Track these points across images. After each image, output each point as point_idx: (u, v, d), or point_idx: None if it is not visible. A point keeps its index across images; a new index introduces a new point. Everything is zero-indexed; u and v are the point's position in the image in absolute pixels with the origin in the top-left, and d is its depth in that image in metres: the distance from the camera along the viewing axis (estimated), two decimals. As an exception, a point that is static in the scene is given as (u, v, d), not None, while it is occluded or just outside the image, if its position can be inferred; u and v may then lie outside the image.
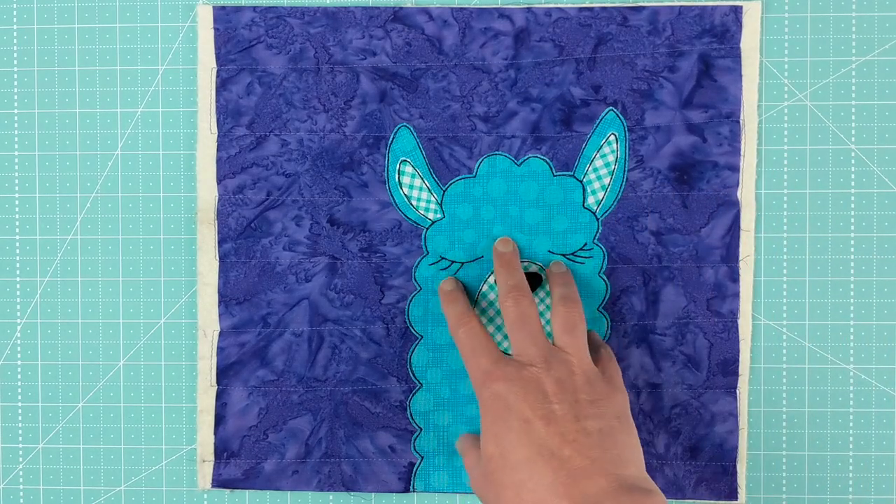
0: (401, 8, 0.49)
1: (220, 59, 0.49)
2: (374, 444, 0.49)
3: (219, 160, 0.49)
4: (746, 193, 0.49)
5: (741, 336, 0.49)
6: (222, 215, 0.49)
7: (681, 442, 0.49)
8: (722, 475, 0.49)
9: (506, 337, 0.49)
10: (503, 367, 0.43)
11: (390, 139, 0.49)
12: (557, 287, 0.46)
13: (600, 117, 0.49)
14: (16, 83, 0.50)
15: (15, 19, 0.50)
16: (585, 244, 0.49)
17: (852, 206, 0.49)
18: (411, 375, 0.49)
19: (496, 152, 0.49)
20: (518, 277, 0.46)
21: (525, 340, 0.44)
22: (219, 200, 0.49)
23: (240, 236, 0.49)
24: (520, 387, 0.42)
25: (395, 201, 0.49)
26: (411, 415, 0.49)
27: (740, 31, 0.48)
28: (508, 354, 0.44)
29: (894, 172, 0.49)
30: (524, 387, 0.42)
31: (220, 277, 0.49)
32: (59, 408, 0.51)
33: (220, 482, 0.50)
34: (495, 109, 0.49)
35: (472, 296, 0.49)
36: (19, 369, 0.51)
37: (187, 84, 0.50)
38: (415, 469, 0.49)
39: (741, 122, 0.48)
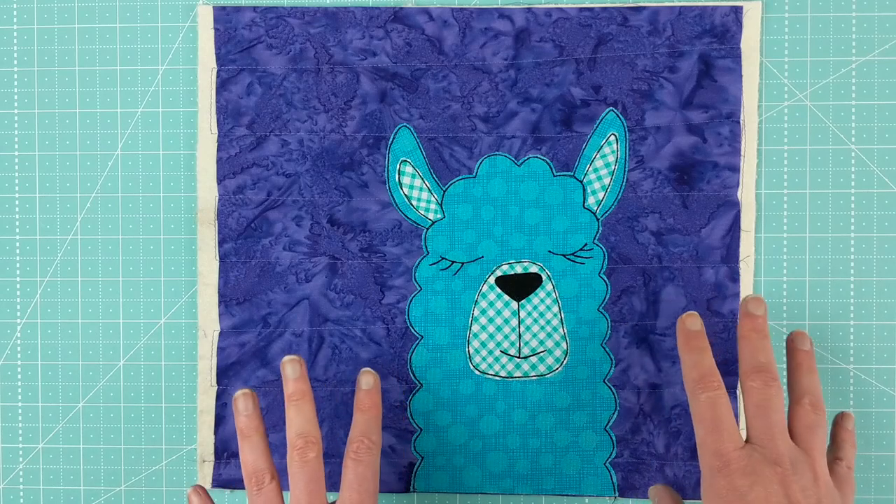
0: (401, 8, 0.49)
1: (221, 59, 0.49)
2: (374, 445, 0.49)
3: (219, 160, 0.49)
4: (746, 193, 0.49)
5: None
6: (222, 215, 0.49)
7: (681, 442, 0.49)
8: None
9: (506, 337, 0.49)
10: (747, 458, 0.40)
11: (390, 139, 0.49)
12: (804, 375, 0.43)
13: (600, 117, 0.49)
14: (16, 83, 0.50)
15: (15, 19, 0.50)
16: (585, 244, 0.49)
17: (852, 206, 0.49)
18: (411, 376, 0.49)
19: (496, 152, 0.49)
20: (768, 356, 0.42)
21: (770, 431, 0.40)
22: (219, 200, 0.49)
23: (240, 236, 0.49)
24: (763, 487, 0.39)
25: (395, 201, 0.49)
26: (411, 415, 0.49)
27: (740, 31, 0.48)
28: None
29: (894, 172, 0.49)
30: (767, 487, 0.39)
31: (220, 277, 0.49)
32: (59, 408, 0.51)
33: (220, 482, 0.50)
34: (495, 110, 0.49)
35: (471, 296, 0.49)
36: (19, 369, 0.51)
37: (187, 84, 0.50)
38: (415, 469, 0.49)
39: (741, 122, 0.48)
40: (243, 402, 0.44)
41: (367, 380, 0.45)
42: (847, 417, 0.45)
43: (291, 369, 0.44)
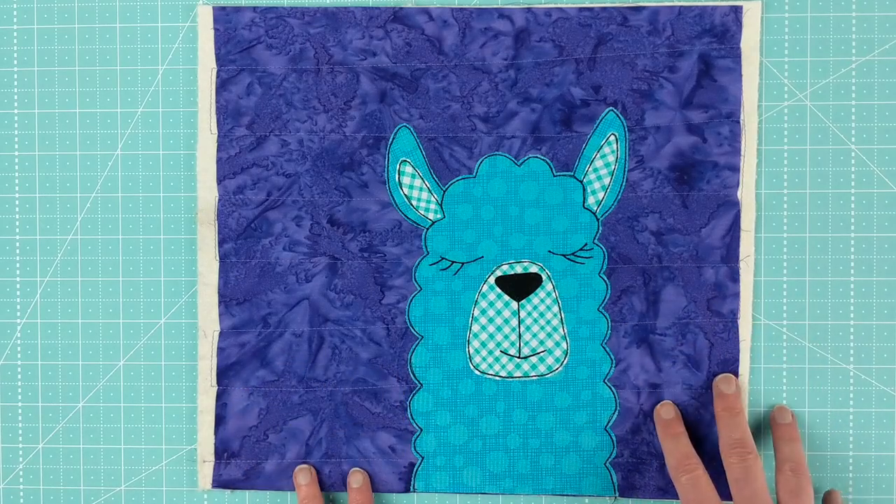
0: (401, 8, 0.49)
1: (221, 59, 0.49)
2: (374, 445, 0.49)
3: (219, 160, 0.49)
4: (746, 193, 0.49)
5: (741, 336, 0.49)
6: (222, 215, 0.49)
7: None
8: (721, 475, 0.49)
9: (506, 337, 0.49)
10: None
11: (390, 139, 0.49)
12: (784, 444, 0.47)
13: (600, 117, 0.49)
14: (16, 83, 0.50)
15: (15, 19, 0.50)
16: (585, 244, 0.49)
17: (852, 206, 0.49)
18: (411, 376, 0.49)
19: (496, 152, 0.49)
20: (742, 432, 0.46)
21: (753, 499, 0.44)
22: (219, 201, 0.49)
23: (240, 236, 0.49)
24: None
25: (395, 201, 0.49)
26: (411, 415, 0.49)
27: (740, 31, 0.48)
28: None
29: (894, 172, 0.49)
30: None
31: (220, 278, 0.49)
32: (59, 408, 0.51)
33: (220, 482, 0.50)
34: (495, 110, 0.49)
35: (471, 296, 0.49)
36: (19, 369, 0.51)
37: (187, 84, 0.50)
38: (415, 469, 0.49)
39: (741, 122, 0.48)
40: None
41: (357, 478, 0.49)
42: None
43: (303, 477, 0.49)
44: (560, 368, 0.49)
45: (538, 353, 0.49)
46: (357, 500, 0.48)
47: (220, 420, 0.49)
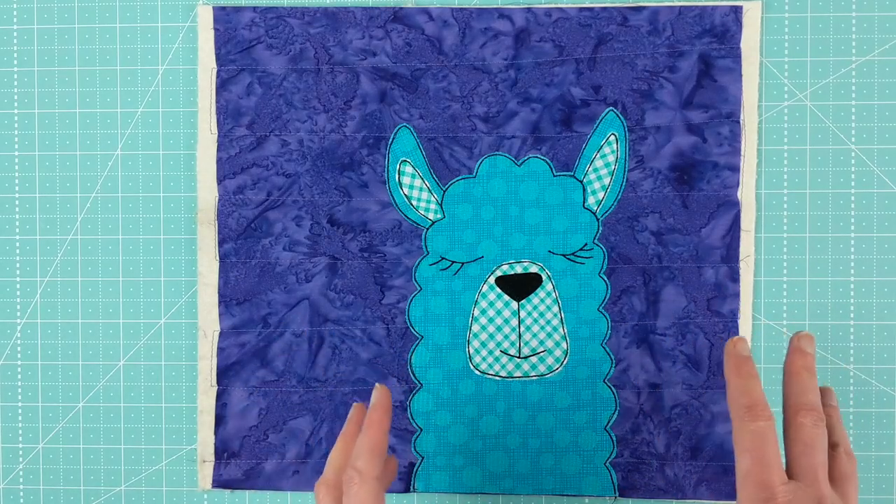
0: (401, 8, 0.49)
1: (221, 59, 0.49)
2: (374, 445, 0.49)
3: (219, 160, 0.49)
4: (746, 193, 0.49)
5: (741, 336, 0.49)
6: (222, 215, 0.49)
7: (681, 442, 0.49)
8: (722, 475, 0.49)
9: (506, 337, 0.49)
10: (793, 494, 0.39)
11: (390, 139, 0.49)
12: (836, 426, 0.43)
13: (600, 117, 0.49)
14: (16, 83, 0.50)
15: (15, 19, 0.50)
16: (585, 244, 0.49)
17: (852, 206, 0.49)
18: (411, 376, 0.49)
19: (496, 152, 0.49)
20: (818, 397, 0.41)
21: (815, 472, 0.39)
22: (219, 201, 0.49)
23: (240, 236, 0.49)
24: None
25: (395, 201, 0.49)
26: (411, 415, 0.49)
27: (740, 31, 0.48)
28: None
29: (894, 172, 0.49)
30: None
31: (220, 278, 0.49)
32: (59, 408, 0.51)
33: (220, 482, 0.50)
34: (495, 110, 0.49)
35: (471, 296, 0.49)
36: (19, 369, 0.51)
37: (187, 84, 0.50)
38: (415, 469, 0.49)
39: (741, 122, 0.48)
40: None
41: (375, 395, 0.42)
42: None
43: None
44: (560, 368, 0.49)
45: (538, 353, 0.49)
46: (373, 418, 0.41)
47: (220, 420, 0.49)
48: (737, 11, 0.48)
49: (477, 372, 0.49)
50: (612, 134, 0.49)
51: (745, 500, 0.39)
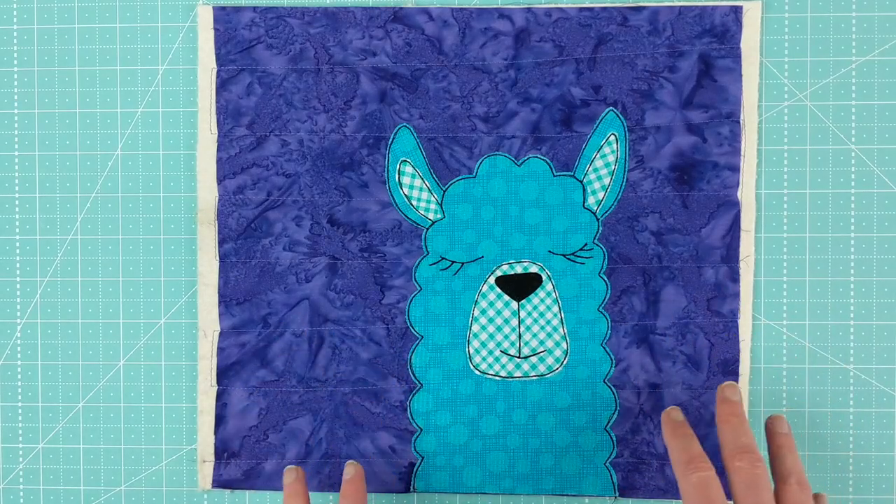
0: (401, 8, 0.49)
1: (221, 59, 0.49)
2: (374, 445, 0.49)
3: (219, 160, 0.49)
4: (746, 193, 0.49)
5: (741, 336, 0.49)
6: (222, 215, 0.49)
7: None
8: (722, 475, 0.49)
9: (506, 337, 0.49)
10: None
11: (390, 139, 0.49)
12: (787, 455, 0.44)
13: (600, 117, 0.49)
14: (16, 83, 0.50)
15: (15, 19, 0.50)
16: (585, 244, 0.49)
17: (852, 206, 0.49)
18: (411, 376, 0.49)
19: (496, 152, 0.49)
20: (750, 438, 0.43)
21: None
22: (219, 201, 0.49)
23: (240, 236, 0.49)
24: None
25: (395, 201, 0.49)
26: (411, 415, 0.49)
27: (740, 31, 0.48)
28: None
29: (894, 172, 0.49)
30: None
31: (220, 278, 0.49)
32: (59, 408, 0.51)
33: (220, 482, 0.50)
34: (495, 110, 0.49)
35: (471, 296, 0.49)
36: (19, 369, 0.51)
37: (187, 84, 0.50)
38: (415, 469, 0.49)
39: (741, 122, 0.48)
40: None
41: (349, 471, 0.47)
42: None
43: (288, 476, 0.47)
44: (560, 368, 0.49)
45: (538, 353, 0.49)
46: (348, 491, 0.46)
47: (220, 420, 0.49)
48: (737, 11, 0.48)
49: (477, 372, 0.49)
50: (612, 134, 0.49)
51: None
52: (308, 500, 0.46)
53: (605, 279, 0.49)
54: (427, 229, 0.49)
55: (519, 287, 0.49)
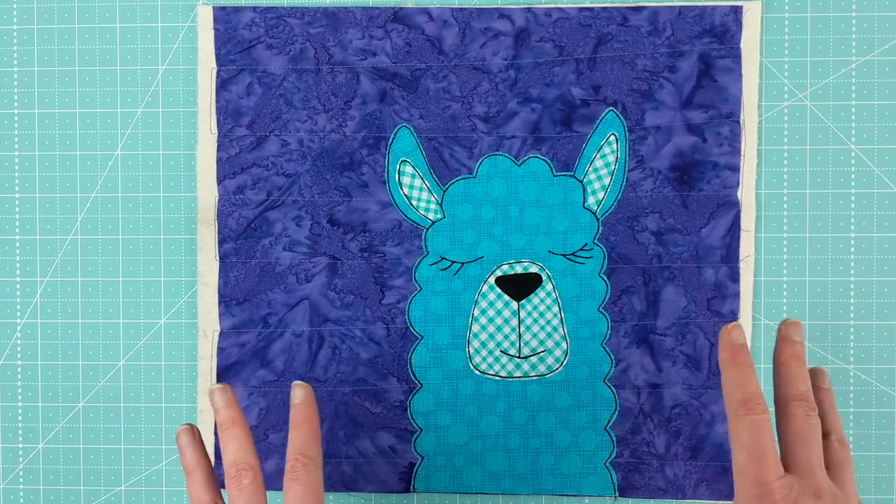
0: (401, 8, 0.49)
1: (221, 59, 0.49)
2: (374, 445, 0.49)
3: (219, 160, 0.49)
4: (746, 193, 0.49)
5: (741, 336, 0.49)
6: (222, 215, 0.49)
7: (681, 442, 0.49)
8: (722, 475, 0.49)
9: (506, 337, 0.49)
10: (789, 489, 0.38)
11: (390, 139, 0.49)
12: (828, 411, 0.42)
13: (600, 117, 0.49)
14: (16, 83, 0.50)
15: (15, 19, 0.50)
16: (585, 244, 0.49)
17: (852, 206, 0.49)
18: (411, 376, 0.49)
19: (496, 152, 0.49)
20: (808, 386, 0.41)
21: (810, 463, 0.39)
22: (219, 201, 0.49)
23: (240, 237, 0.49)
24: None
25: (395, 201, 0.49)
26: (411, 415, 0.49)
27: (740, 31, 0.48)
28: None
29: (894, 172, 0.49)
30: None
31: (220, 278, 0.49)
32: (59, 408, 0.51)
33: (220, 482, 0.50)
34: (495, 110, 0.49)
35: (471, 296, 0.49)
36: (19, 369, 0.51)
37: (187, 84, 0.50)
38: (415, 469, 0.49)
39: (741, 122, 0.48)
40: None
41: (297, 393, 0.43)
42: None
43: (219, 397, 0.42)
44: (560, 368, 0.49)
45: (538, 353, 0.49)
46: (298, 418, 0.42)
47: (220, 420, 0.49)
48: (737, 11, 0.48)
49: (477, 372, 0.49)
50: (612, 134, 0.49)
51: (741, 497, 0.39)
52: (247, 429, 0.42)
53: (605, 279, 0.49)
54: (427, 229, 0.49)
55: (519, 287, 0.49)
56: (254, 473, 0.41)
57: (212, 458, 0.50)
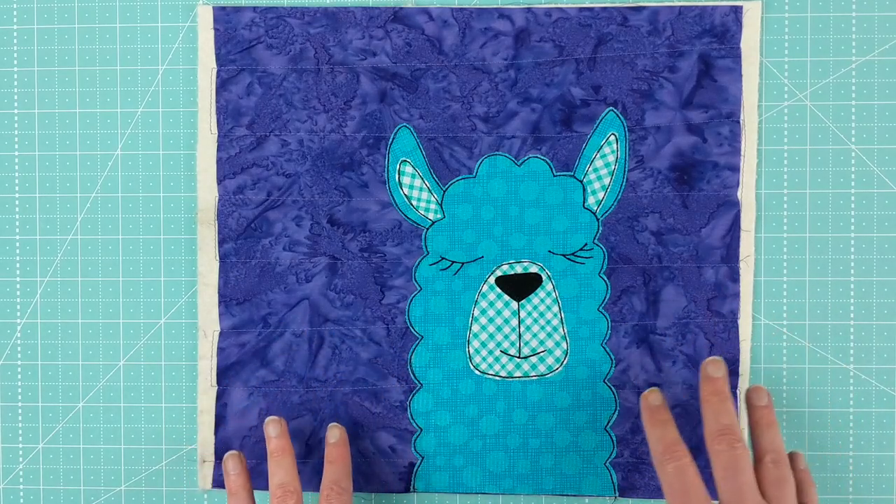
0: (401, 8, 0.49)
1: (221, 59, 0.49)
2: (374, 445, 0.49)
3: (219, 160, 0.49)
4: (746, 193, 0.49)
5: (741, 336, 0.49)
6: (222, 215, 0.49)
7: (685, 437, 0.49)
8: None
9: (506, 337, 0.49)
10: None
11: (390, 139, 0.49)
12: (764, 431, 0.45)
13: (600, 117, 0.49)
14: (16, 83, 0.50)
15: (15, 19, 0.50)
16: (586, 244, 0.49)
17: (852, 206, 0.49)
18: (411, 376, 0.49)
19: (496, 152, 0.49)
20: (731, 418, 0.43)
21: (740, 492, 0.41)
22: (219, 201, 0.49)
23: (240, 237, 0.49)
24: None
25: (395, 201, 0.49)
26: (411, 415, 0.49)
27: (740, 31, 0.48)
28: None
29: (894, 172, 0.49)
30: None
31: (220, 278, 0.49)
32: (59, 408, 0.51)
33: (220, 482, 0.50)
34: (495, 110, 0.49)
35: (471, 296, 0.49)
36: (19, 369, 0.51)
37: (187, 84, 0.50)
38: (415, 469, 0.49)
39: (741, 122, 0.48)
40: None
41: (335, 433, 0.47)
42: (797, 458, 0.46)
43: (273, 428, 0.47)
44: (560, 368, 0.49)
45: (538, 353, 0.49)
46: (333, 455, 0.47)
47: (220, 420, 0.49)
48: (737, 11, 0.48)
49: (477, 372, 0.49)
50: (612, 134, 0.49)
51: None
52: (294, 457, 0.47)
53: (605, 279, 0.49)
54: (427, 229, 0.49)
55: (519, 287, 0.49)
56: (297, 497, 0.45)
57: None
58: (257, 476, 0.49)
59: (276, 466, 0.46)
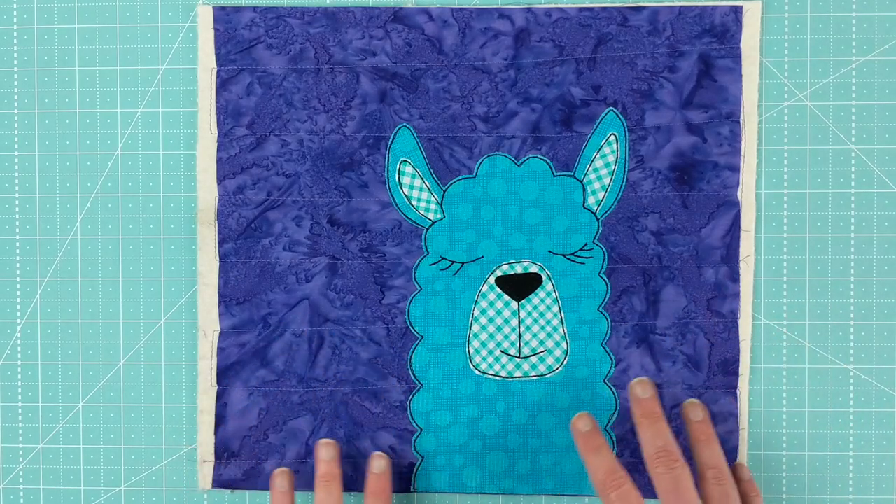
0: (401, 8, 0.49)
1: (221, 59, 0.49)
2: (374, 445, 0.49)
3: (219, 160, 0.49)
4: (746, 193, 0.49)
5: (741, 336, 0.49)
6: (222, 215, 0.49)
7: (681, 442, 0.49)
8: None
9: (506, 337, 0.49)
10: None
11: (390, 139, 0.49)
12: (702, 447, 0.45)
13: (600, 117, 0.49)
14: (16, 83, 0.50)
15: (15, 19, 0.50)
16: (586, 244, 0.49)
17: (852, 206, 0.49)
18: (411, 376, 0.49)
19: (496, 152, 0.49)
20: (665, 438, 0.43)
21: None
22: (219, 201, 0.49)
23: (240, 237, 0.49)
24: None
25: (395, 201, 0.49)
26: (411, 415, 0.49)
27: (740, 31, 0.48)
28: None
29: (894, 172, 0.49)
30: None
31: (220, 278, 0.49)
32: (59, 408, 0.51)
33: (220, 482, 0.50)
34: (495, 109, 0.49)
35: (471, 296, 0.49)
36: (19, 369, 0.51)
37: (187, 84, 0.50)
38: (415, 469, 0.49)
39: (741, 122, 0.48)
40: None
41: (379, 464, 0.47)
42: (741, 469, 0.47)
43: (325, 452, 0.47)
44: (560, 368, 0.49)
45: (538, 353, 0.49)
46: (375, 487, 0.47)
47: (220, 420, 0.49)
48: (737, 11, 0.48)
49: (477, 372, 0.49)
50: (612, 134, 0.49)
51: None
52: (341, 484, 0.47)
53: (605, 279, 0.49)
54: (427, 229, 0.49)
55: (519, 287, 0.49)
56: None
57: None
58: (256, 476, 0.49)
59: (324, 494, 0.46)
